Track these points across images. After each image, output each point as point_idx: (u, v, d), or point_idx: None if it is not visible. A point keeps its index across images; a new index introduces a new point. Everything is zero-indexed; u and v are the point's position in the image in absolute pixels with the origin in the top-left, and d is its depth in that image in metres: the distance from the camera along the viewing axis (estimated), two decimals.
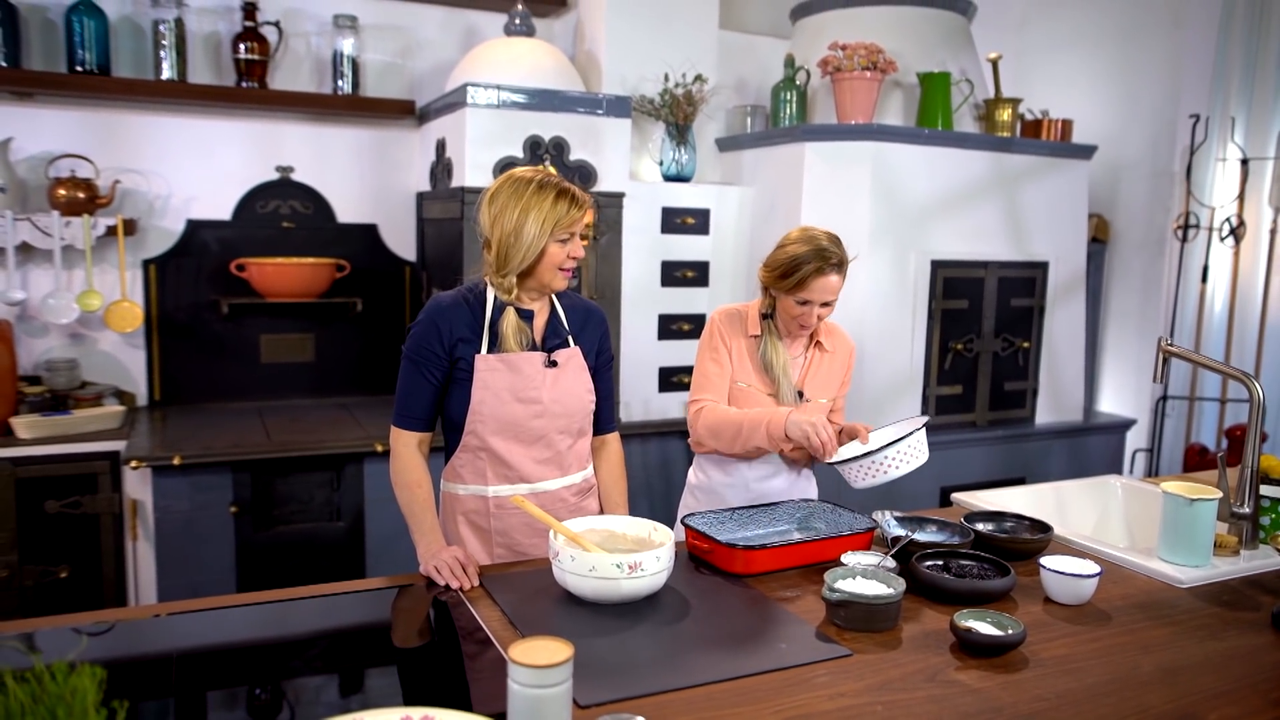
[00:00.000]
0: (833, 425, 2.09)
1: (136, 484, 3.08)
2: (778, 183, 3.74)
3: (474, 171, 3.25)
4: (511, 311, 1.93)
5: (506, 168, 3.10)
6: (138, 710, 1.32)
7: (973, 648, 1.50)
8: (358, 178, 3.82)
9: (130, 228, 3.38)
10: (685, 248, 3.79)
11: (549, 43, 3.73)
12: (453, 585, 1.74)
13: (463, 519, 2.00)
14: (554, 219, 1.86)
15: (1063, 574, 1.71)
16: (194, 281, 3.59)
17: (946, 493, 3.75)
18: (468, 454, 1.96)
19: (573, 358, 2.00)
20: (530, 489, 1.97)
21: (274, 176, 3.69)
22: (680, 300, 3.80)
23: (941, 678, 1.42)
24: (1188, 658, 1.51)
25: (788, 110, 3.87)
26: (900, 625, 1.60)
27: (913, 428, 2.06)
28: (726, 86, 4.10)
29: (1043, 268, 3.98)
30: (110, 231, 3.33)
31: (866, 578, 1.66)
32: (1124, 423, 4.35)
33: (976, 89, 3.99)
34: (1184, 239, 4.29)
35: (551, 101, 3.35)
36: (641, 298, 3.71)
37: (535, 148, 3.34)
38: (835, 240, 2.17)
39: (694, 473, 2.39)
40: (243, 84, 3.51)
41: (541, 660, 1.12)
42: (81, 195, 3.28)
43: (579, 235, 1.92)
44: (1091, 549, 2.01)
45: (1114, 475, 2.66)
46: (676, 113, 3.72)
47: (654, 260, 3.73)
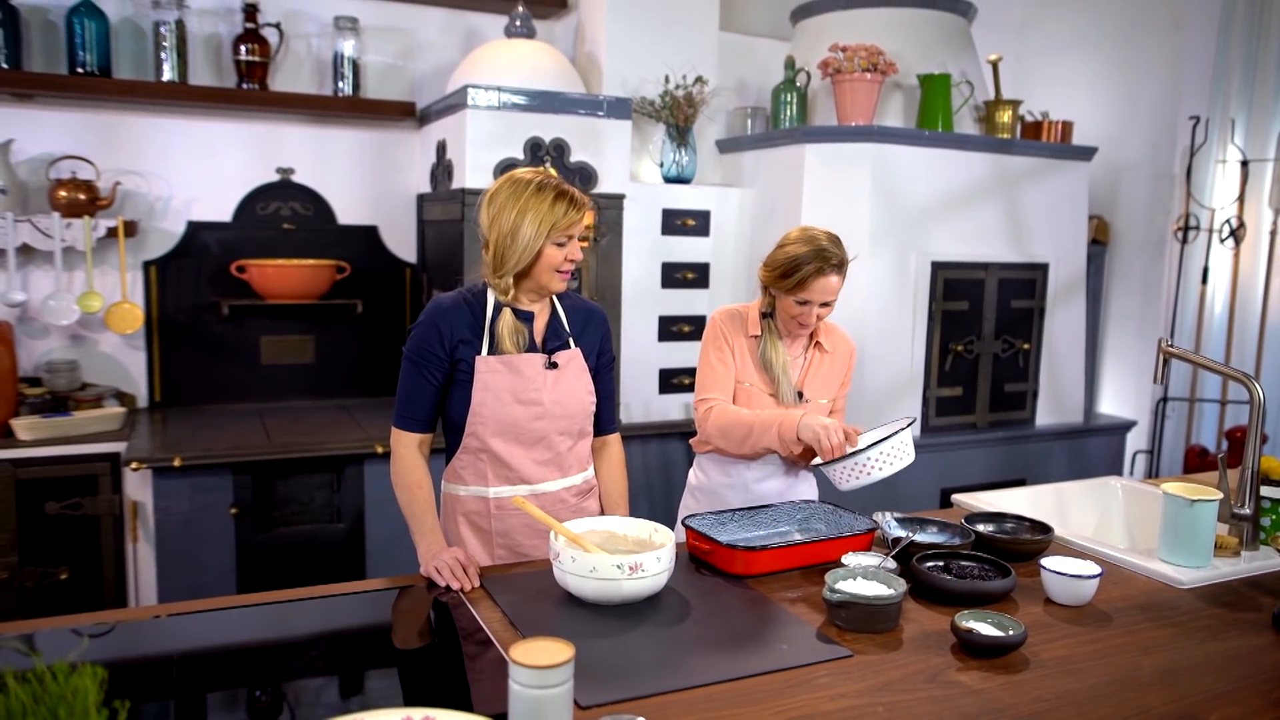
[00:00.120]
0: None
1: (137, 485, 3.08)
2: (778, 184, 3.74)
3: (474, 173, 3.25)
4: (508, 312, 1.93)
5: (507, 169, 3.10)
6: (138, 712, 1.32)
7: (974, 648, 1.50)
8: (358, 179, 3.82)
9: (131, 229, 3.38)
10: (685, 249, 3.79)
11: (549, 44, 3.74)
12: (453, 586, 1.74)
13: (463, 520, 2.00)
14: (551, 221, 1.85)
15: (1063, 575, 1.71)
16: (194, 283, 3.59)
17: (947, 494, 3.75)
18: (469, 455, 1.96)
19: (573, 359, 2.00)
20: (531, 490, 1.97)
21: (274, 178, 3.69)
22: (680, 302, 3.81)
23: (942, 679, 1.41)
24: (1188, 659, 1.51)
25: (788, 112, 3.87)
26: (901, 626, 1.60)
27: (896, 428, 2.06)
28: (727, 88, 4.10)
29: (1043, 269, 3.98)
30: (111, 233, 3.33)
31: (867, 579, 1.66)
32: (1124, 424, 4.35)
33: (977, 91, 3.99)
34: (1184, 241, 4.29)
35: (552, 103, 3.35)
36: (642, 299, 3.71)
37: (536, 149, 3.34)
38: (835, 241, 2.17)
39: (694, 473, 2.39)
40: (243, 86, 3.51)
41: (542, 661, 1.12)
42: (82, 197, 3.28)
43: (578, 238, 1.92)
44: (1092, 550, 2.01)
45: (1114, 476, 2.66)
46: (677, 114, 3.73)
47: (654, 262, 3.73)
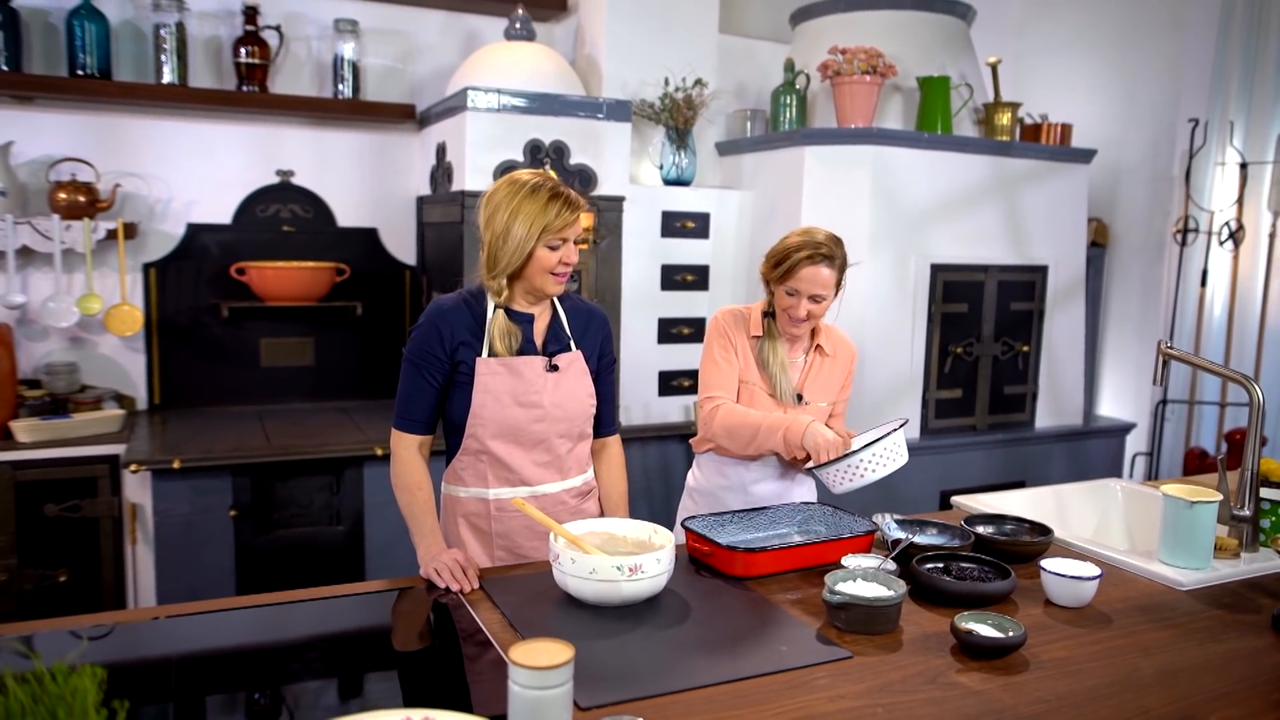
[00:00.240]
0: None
1: (136, 487, 3.07)
2: (777, 186, 3.74)
3: (474, 175, 3.26)
4: (500, 314, 1.92)
5: (506, 171, 3.10)
6: (137, 714, 1.32)
7: (973, 650, 1.50)
8: (358, 182, 3.82)
9: (130, 231, 3.38)
10: (685, 251, 3.79)
11: (549, 47, 3.74)
12: (453, 588, 1.74)
13: (463, 521, 2.00)
14: (542, 222, 1.84)
15: (1063, 576, 1.71)
16: (194, 285, 3.59)
17: (946, 496, 3.75)
18: (468, 457, 1.96)
19: (574, 362, 1.99)
20: (530, 492, 1.97)
21: (274, 180, 3.69)
22: (680, 304, 3.81)
23: (942, 680, 1.41)
24: (1188, 660, 1.51)
25: (787, 114, 3.87)
26: (901, 628, 1.60)
27: (888, 429, 2.06)
28: (726, 91, 4.11)
29: (1042, 271, 3.98)
30: (110, 235, 3.33)
31: (867, 580, 1.66)
32: (1124, 426, 4.35)
33: (976, 93, 3.99)
34: (1183, 243, 4.29)
35: (552, 105, 3.35)
36: (641, 301, 3.71)
37: (535, 151, 3.35)
38: (834, 239, 2.17)
39: (692, 475, 2.39)
40: (243, 88, 3.52)
41: (542, 662, 1.12)
42: (82, 199, 3.28)
43: (574, 241, 1.90)
44: (1092, 552, 2.01)
45: (1114, 478, 2.66)
46: (676, 117, 3.73)
47: (654, 264, 3.73)
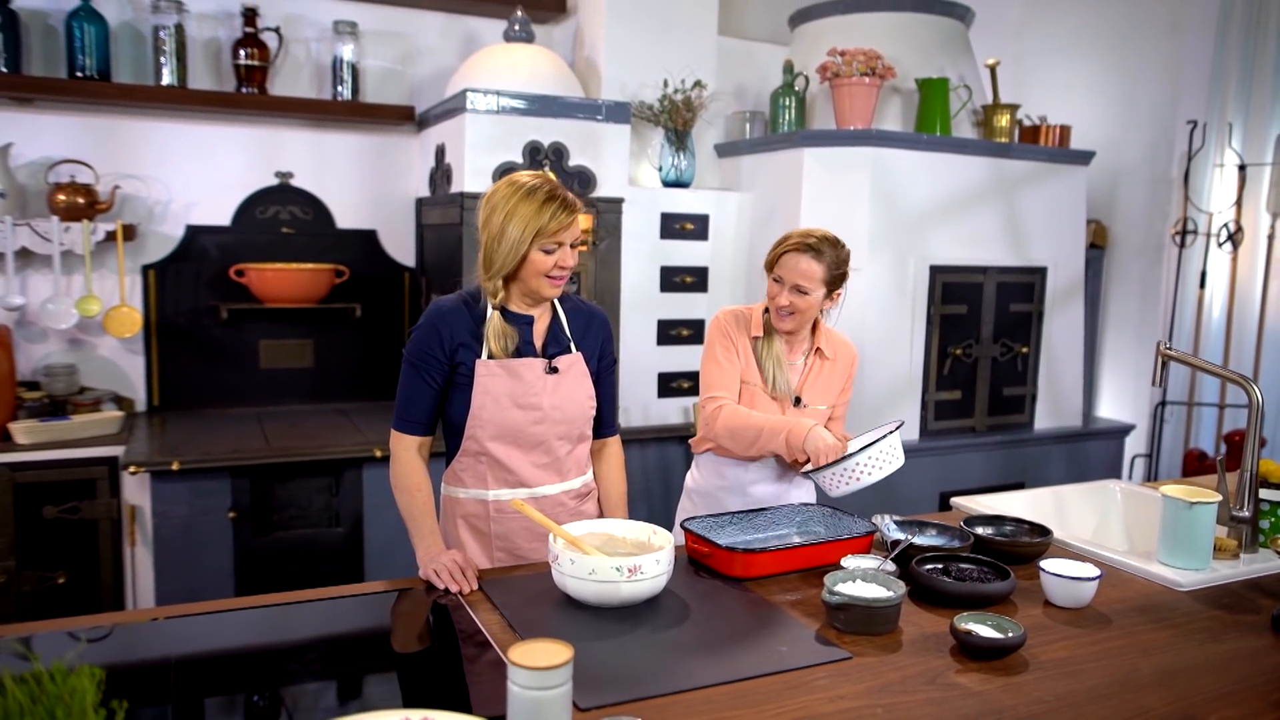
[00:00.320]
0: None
1: (135, 489, 3.07)
2: (777, 188, 3.75)
3: (473, 177, 3.26)
4: (496, 315, 1.92)
5: (505, 173, 3.10)
6: (136, 716, 1.31)
7: (973, 650, 1.50)
8: (357, 183, 3.82)
9: (130, 233, 3.38)
10: (684, 253, 3.79)
11: (548, 49, 3.74)
12: (452, 589, 1.73)
13: (462, 522, 2.00)
14: (536, 225, 1.83)
15: (1062, 577, 1.71)
16: (193, 287, 3.59)
17: (946, 498, 3.75)
18: (468, 458, 1.96)
19: (575, 364, 1.99)
20: (530, 493, 1.96)
21: (273, 182, 3.69)
22: (679, 306, 3.81)
23: (941, 680, 1.41)
24: (1188, 660, 1.51)
25: (786, 116, 3.87)
26: (900, 629, 1.60)
27: (884, 432, 2.06)
28: (725, 93, 4.11)
29: (1041, 273, 3.99)
30: (110, 237, 3.33)
31: (866, 581, 1.66)
32: (1123, 428, 4.35)
33: (975, 95, 4.00)
34: (1182, 244, 4.29)
35: (551, 107, 3.36)
36: (641, 303, 3.71)
37: (534, 153, 3.35)
38: (829, 239, 2.18)
39: (691, 476, 2.39)
40: (243, 90, 3.52)
41: (541, 662, 1.11)
42: (81, 200, 3.28)
43: (570, 245, 1.89)
44: (1091, 553, 2.01)
45: (1113, 480, 2.65)
46: (675, 119, 3.73)
47: (653, 266, 3.73)
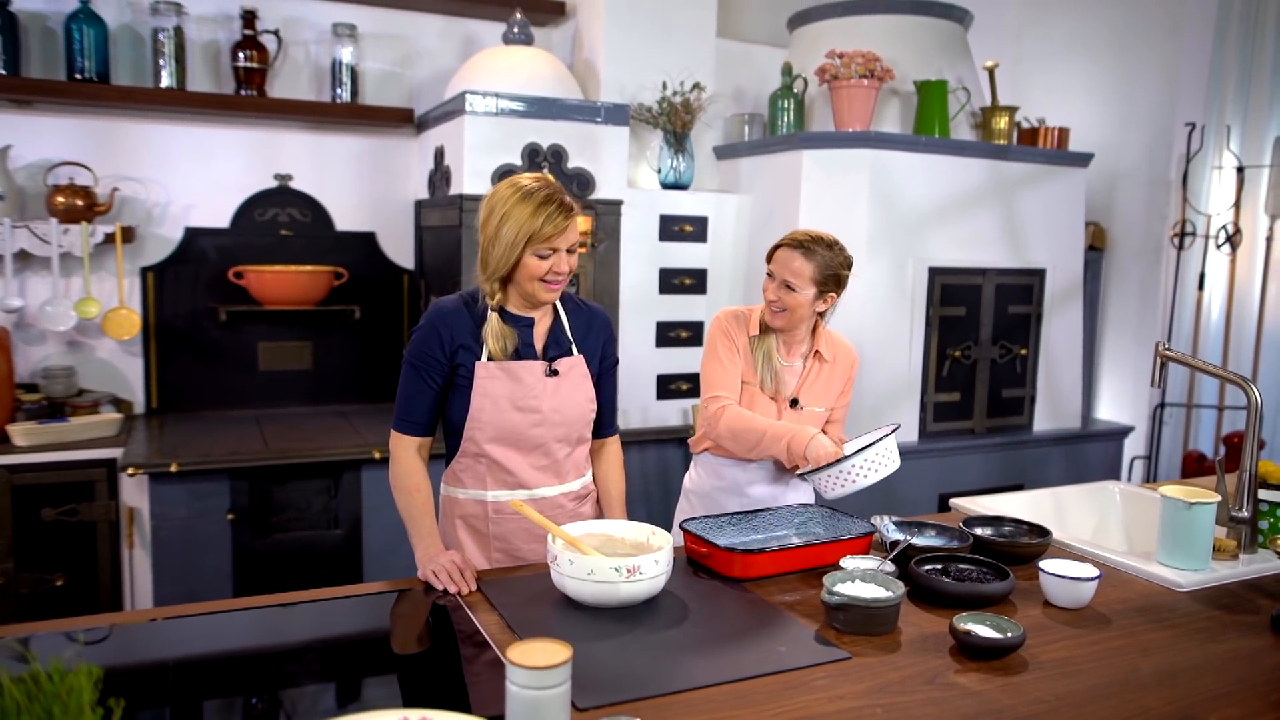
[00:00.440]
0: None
1: (133, 491, 3.07)
2: (775, 190, 3.75)
3: (472, 179, 3.26)
4: (494, 317, 1.91)
5: (505, 175, 3.10)
6: (133, 719, 1.31)
7: (972, 650, 1.49)
8: (356, 186, 3.83)
9: (128, 235, 3.38)
10: (683, 255, 3.79)
11: (547, 51, 3.74)
12: (450, 589, 1.73)
13: (461, 523, 1.99)
14: (529, 230, 1.82)
15: (1062, 577, 1.71)
16: (192, 289, 3.59)
17: (945, 499, 3.75)
18: (467, 459, 1.96)
19: (575, 366, 1.98)
20: (529, 495, 1.96)
21: (272, 184, 3.69)
22: (678, 308, 3.81)
23: (941, 680, 1.41)
24: (1187, 660, 1.51)
25: (785, 118, 3.88)
26: (899, 629, 1.59)
27: (880, 435, 2.06)
28: (724, 95, 4.11)
29: (1040, 275, 3.99)
30: (108, 239, 3.33)
31: (865, 581, 1.66)
32: (1122, 430, 4.35)
33: (973, 97, 4.00)
34: (1180, 246, 4.29)
35: (550, 109, 3.36)
36: (639, 305, 3.71)
37: (533, 155, 3.35)
38: (823, 240, 2.18)
39: (689, 477, 2.39)
40: (242, 92, 3.52)
41: (540, 662, 1.11)
42: (80, 203, 3.28)
43: (566, 250, 1.86)
44: (1090, 553, 2.01)
45: (1112, 481, 2.65)
46: (674, 121, 3.73)
47: (652, 268, 3.73)
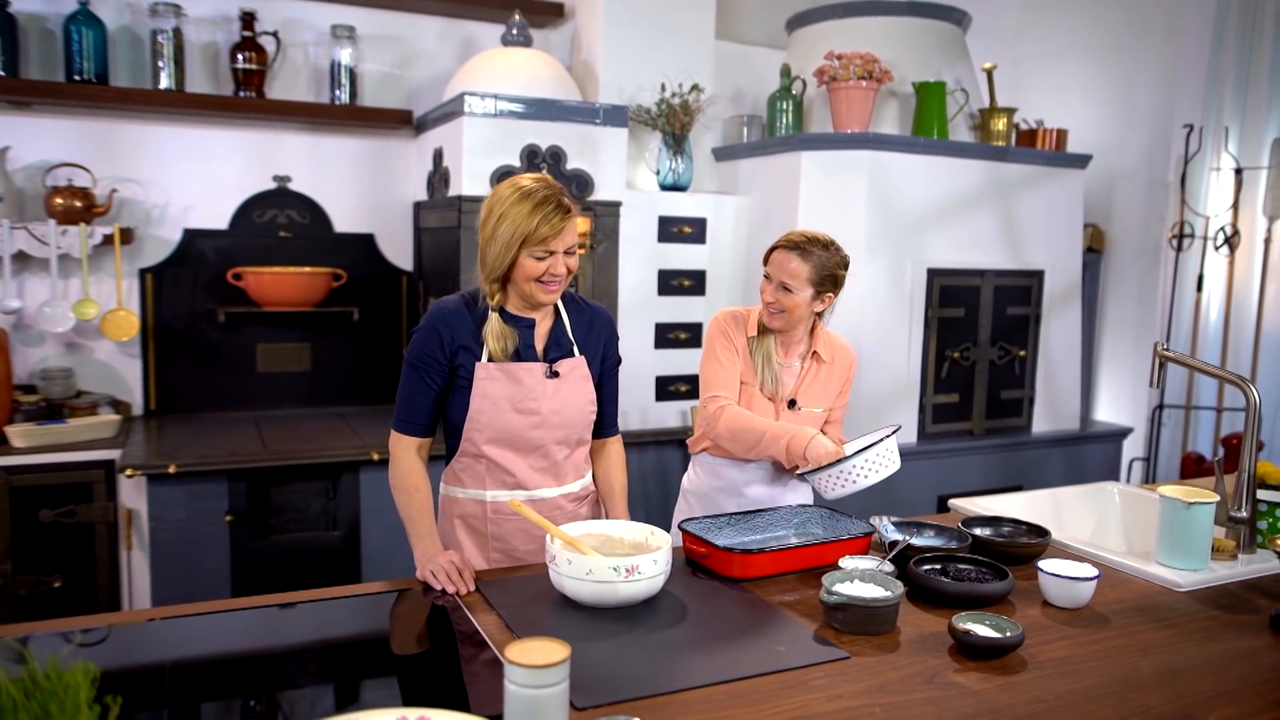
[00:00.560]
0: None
1: (131, 493, 3.06)
2: (774, 192, 3.75)
3: (471, 181, 3.26)
4: (494, 317, 1.91)
5: (504, 177, 3.10)
6: None
7: (971, 650, 1.49)
8: (355, 187, 3.82)
9: (127, 236, 3.38)
10: (682, 257, 3.79)
11: (546, 53, 3.75)
12: (449, 589, 1.73)
13: (460, 522, 1.99)
14: (524, 232, 1.82)
15: (1061, 577, 1.71)
16: (191, 290, 3.58)
17: (943, 501, 3.74)
18: (467, 459, 1.95)
19: (576, 368, 1.98)
20: (528, 496, 1.96)
21: (271, 186, 3.69)
22: (677, 309, 3.81)
23: (940, 680, 1.41)
24: (1187, 659, 1.51)
25: (784, 120, 3.88)
26: (898, 629, 1.59)
27: (880, 435, 2.06)
28: (723, 96, 4.11)
29: (1038, 276, 3.99)
30: (107, 240, 3.33)
31: (864, 581, 1.65)
32: (1120, 431, 4.35)
33: (971, 98, 4.01)
34: (1179, 248, 4.30)
35: (548, 111, 3.36)
36: (638, 307, 3.71)
37: (532, 157, 3.35)
38: (818, 240, 2.18)
39: (688, 477, 2.39)
40: (240, 93, 3.52)
41: (538, 660, 1.11)
42: (78, 204, 3.28)
43: (564, 252, 1.85)
44: (1089, 553, 2.01)
45: (1111, 482, 2.65)
46: (673, 122, 3.73)
47: (651, 269, 3.73)
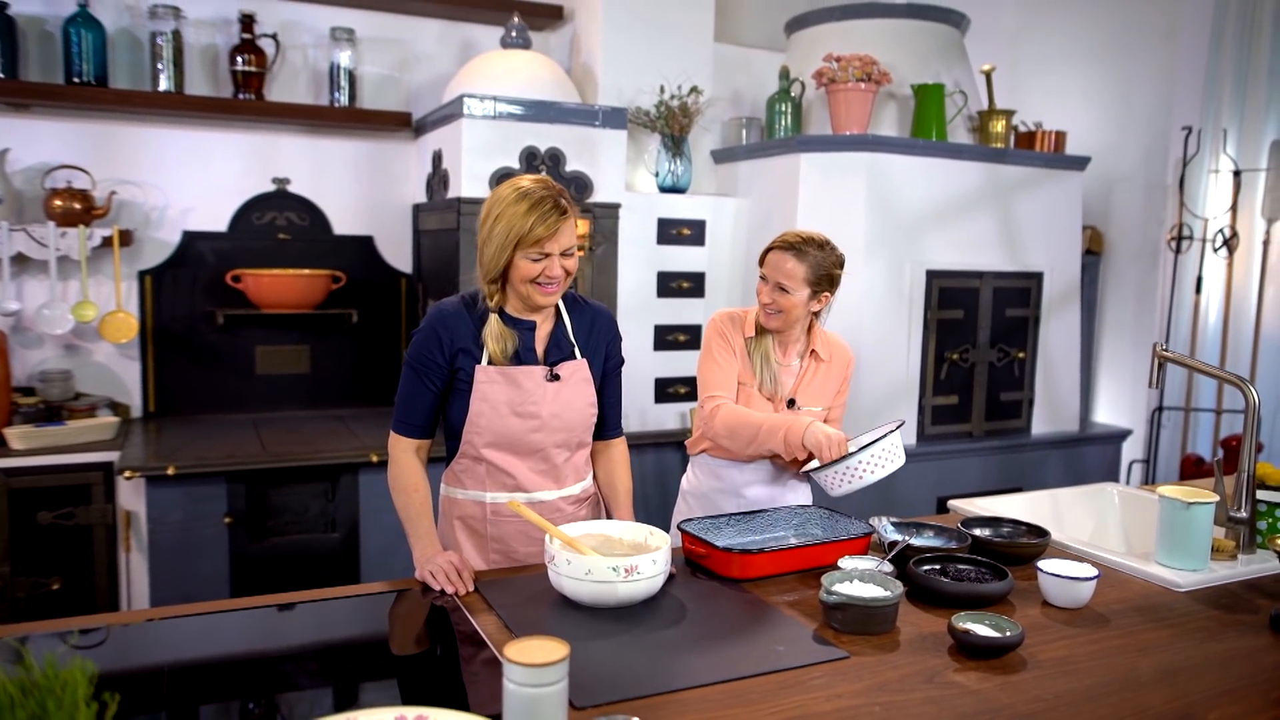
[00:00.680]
0: None
1: (130, 495, 3.06)
2: (773, 194, 3.75)
3: (470, 182, 3.26)
4: (494, 319, 1.90)
5: (503, 179, 3.11)
6: None
7: (971, 649, 1.49)
8: (354, 189, 3.83)
9: (126, 239, 3.38)
10: (681, 258, 3.80)
11: (545, 55, 3.75)
12: (448, 590, 1.73)
13: (459, 523, 1.99)
14: (518, 233, 1.81)
15: (1060, 577, 1.71)
16: (190, 293, 3.58)
17: (943, 502, 3.74)
18: (467, 461, 1.95)
19: (577, 371, 1.97)
20: (528, 498, 1.95)
21: (270, 188, 3.69)
22: (676, 311, 3.81)
23: (939, 679, 1.41)
24: (1187, 659, 1.51)
25: (783, 122, 3.88)
26: (898, 628, 1.59)
27: (885, 431, 2.06)
28: (722, 99, 4.12)
29: (1037, 278, 3.99)
30: (106, 242, 3.33)
31: (864, 581, 1.65)
32: (1120, 433, 4.35)
33: (970, 100, 4.01)
34: (1178, 250, 4.30)
35: (548, 113, 3.36)
36: (637, 308, 3.71)
37: (531, 159, 3.35)
38: (814, 240, 2.18)
39: (687, 478, 2.38)
40: (239, 96, 3.52)
41: (537, 659, 1.11)
42: (77, 206, 3.28)
43: (560, 254, 1.84)
44: (1089, 554, 2.01)
45: (1111, 483, 2.65)
46: (672, 124, 3.74)
47: (650, 271, 3.73)
